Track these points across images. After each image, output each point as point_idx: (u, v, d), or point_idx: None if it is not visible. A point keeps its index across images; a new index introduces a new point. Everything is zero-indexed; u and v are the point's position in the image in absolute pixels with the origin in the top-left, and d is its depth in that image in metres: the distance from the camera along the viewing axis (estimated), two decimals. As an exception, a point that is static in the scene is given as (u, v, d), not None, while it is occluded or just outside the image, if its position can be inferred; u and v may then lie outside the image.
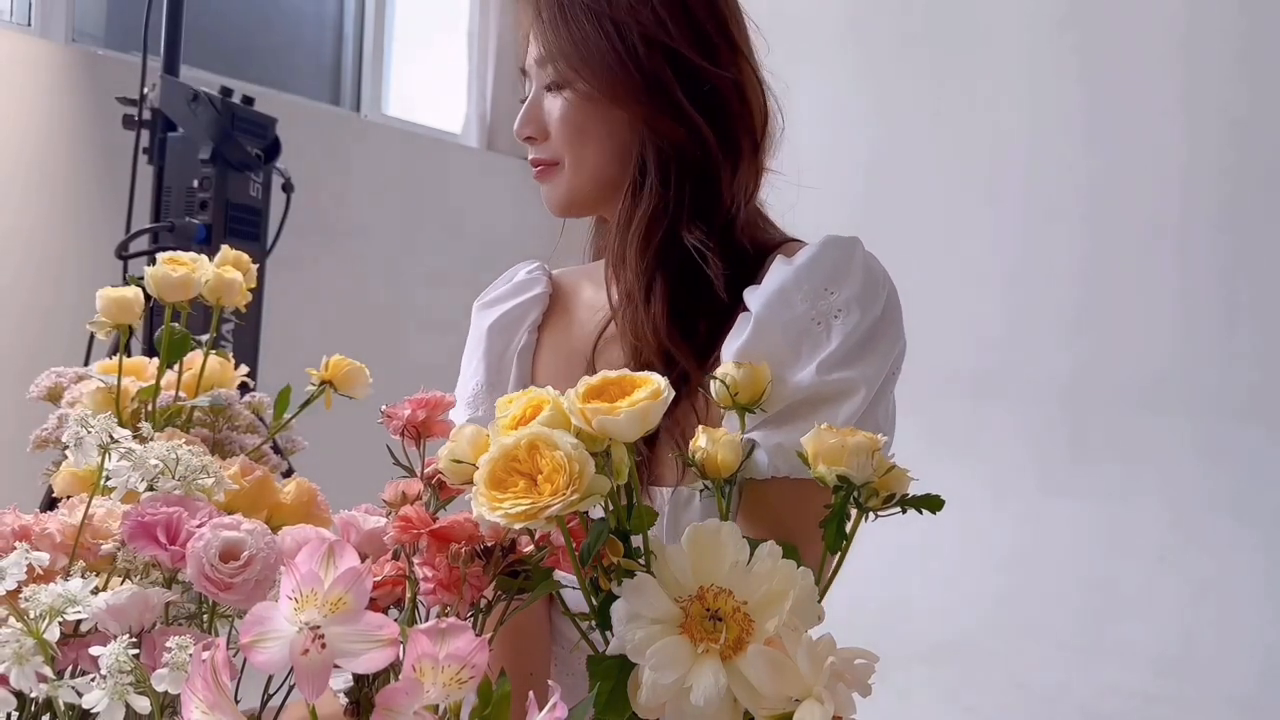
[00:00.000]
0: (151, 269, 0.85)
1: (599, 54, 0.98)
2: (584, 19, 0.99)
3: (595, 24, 0.98)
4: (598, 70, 0.98)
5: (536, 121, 1.05)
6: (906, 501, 0.64)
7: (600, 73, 0.98)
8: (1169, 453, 2.54)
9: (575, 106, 1.01)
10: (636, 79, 0.97)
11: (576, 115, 1.01)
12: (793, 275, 0.90)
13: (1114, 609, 2.55)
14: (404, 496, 0.70)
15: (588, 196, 1.04)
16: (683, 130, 0.98)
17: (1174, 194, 2.58)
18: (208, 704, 0.48)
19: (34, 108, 2.41)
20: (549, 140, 1.04)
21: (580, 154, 1.02)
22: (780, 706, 0.54)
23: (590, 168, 1.02)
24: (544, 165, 1.05)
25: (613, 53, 0.98)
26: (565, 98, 1.01)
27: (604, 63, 0.98)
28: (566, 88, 1.01)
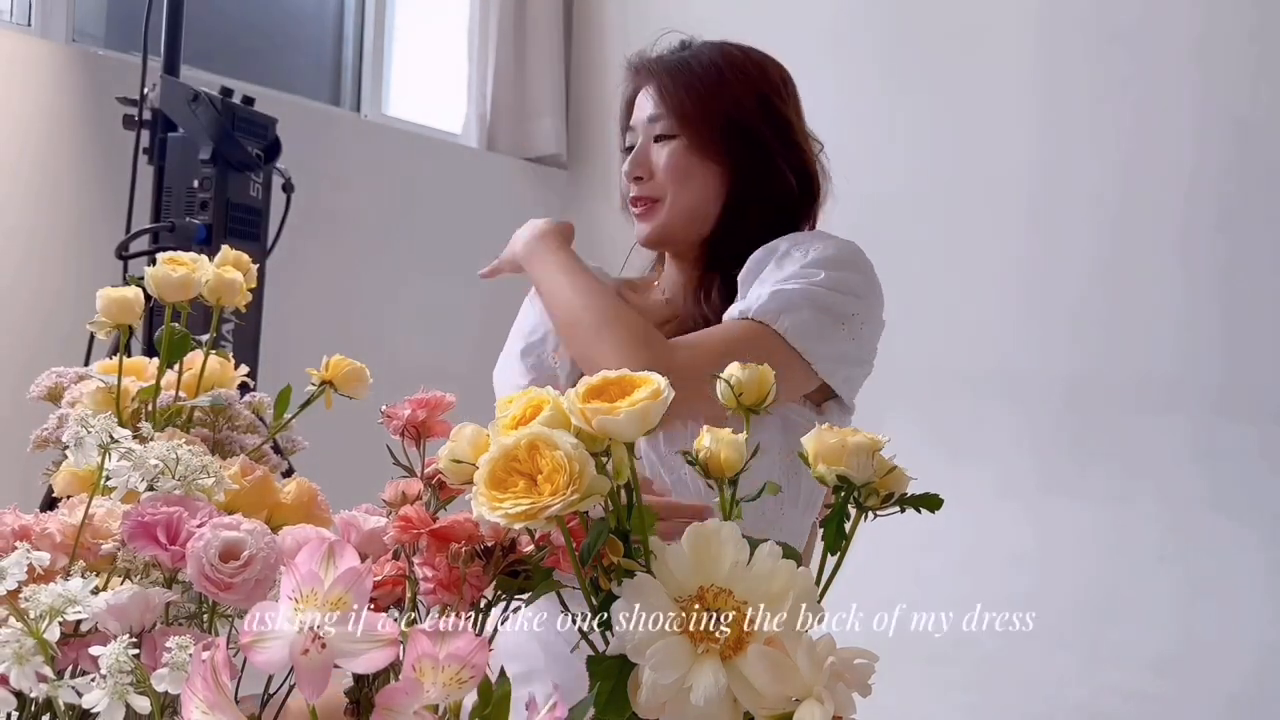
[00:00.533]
0: (151, 269, 0.85)
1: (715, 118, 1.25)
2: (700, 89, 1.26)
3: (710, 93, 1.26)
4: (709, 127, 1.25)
5: (645, 164, 1.28)
6: (906, 501, 0.64)
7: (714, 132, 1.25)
8: (1169, 453, 2.54)
9: (682, 156, 1.25)
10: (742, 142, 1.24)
11: (683, 162, 1.25)
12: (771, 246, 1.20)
13: (1114, 609, 2.55)
14: (404, 496, 0.70)
15: (681, 232, 1.28)
16: (776, 180, 1.25)
17: (1177, 195, 2.58)
18: (208, 704, 0.48)
19: (34, 108, 2.41)
20: (654, 180, 1.27)
21: (680, 193, 1.26)
22: (780, 706, 0.54)
23: (688, 206, 1.26)
24: (647, 203, 1.28)
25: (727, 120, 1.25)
26: (672, 147, 1.26)
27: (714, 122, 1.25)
28: (675, 139, 1.25)
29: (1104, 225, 2.67)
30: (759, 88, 1.27)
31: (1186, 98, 2.58)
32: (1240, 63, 2.52)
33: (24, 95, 2.39)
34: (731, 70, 1.27)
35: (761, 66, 1.30)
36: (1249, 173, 2.49)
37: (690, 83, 1.26)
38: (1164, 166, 2.60)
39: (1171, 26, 2.60)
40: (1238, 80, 2.52)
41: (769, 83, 1.28)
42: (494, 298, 3.46)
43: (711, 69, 1.27)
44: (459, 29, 3.55)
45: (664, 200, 1.27)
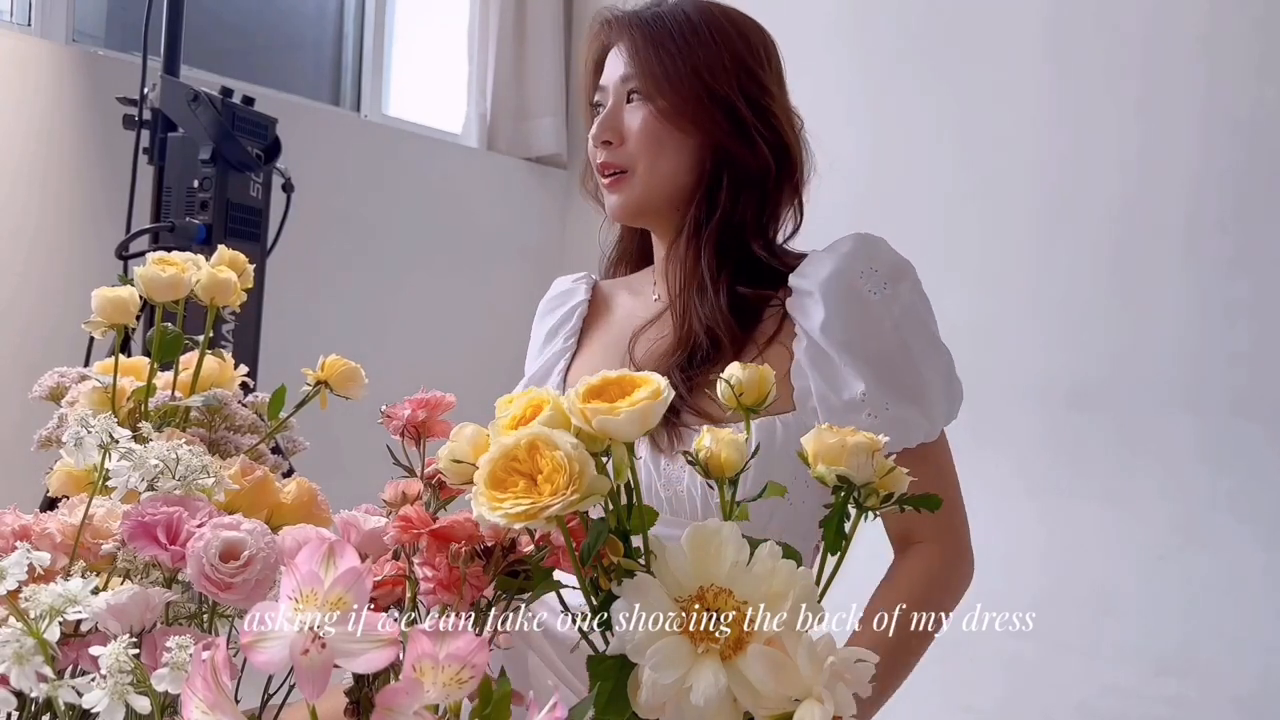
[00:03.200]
0: (141, 269, 0.85)
1: (688, 82, 1.14)
2: (674, 49, 1.15)
3: (684, 55, 1.15)
4: (684, 94, 1.14)
5: (616, 129, 1.18)
6: (905, 501, 0.64)
7: (686, 97, 1.14)
8: (1171, 453, 2.54)
9: (656, 120, 1.15)
10: (717, 109, 1.15)
11: (656, 127, 1.15)
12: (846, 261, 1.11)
13: (1114, 609, 2.55)
14: (404, 496, 0.70)
15: (653, 204, 1.18)
16: (751, 155, 1.15)
17: (1179, 195, 2.58)
18: (208, 704, 0.48)
19: (34, 108, 2.41)
20: (625, 146, 1.17)
21: (654, 162, 1.16)
22: (780, 706, 0.54)
23: (661, 177, 1.16)
24: (616, 173, 1.18)
25: (700, 84, 1.14)
26: (646, 111, 1.16)
27: (691, 90, 1.14)
28: (649, 102, 1.16)
29: (1111, 224, 2.67)
30: (737, 52, 1.17)
31: (1193, 97, 2.58)
32: (1247, 62, 2.52)
33: (24, 95, 2.39)
34: (709, 30, 1.17)
35: (742, 29, 1.19)
36: (1257, 172, 2.49)
37: (664, 41, 1.16)
38: (1171, 166, 2.60)
39: (1177, 26, 2.60)
40: (1245, 80, 2.52)
41: (749, 47, 1.18)
42: (494, 298, 3.46)
43: (686, 26, 1.16)
44: (459, 29, 3.55)
45: (634, 170, 1.17)
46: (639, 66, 1.16)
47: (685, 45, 1.15)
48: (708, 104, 1.14)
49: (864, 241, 1.14)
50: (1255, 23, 2.51)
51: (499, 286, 3.46)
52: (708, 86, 1.14)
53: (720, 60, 1.15)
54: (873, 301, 1.10)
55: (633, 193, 1.17)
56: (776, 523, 1.08)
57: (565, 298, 1.33)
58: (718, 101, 1.14)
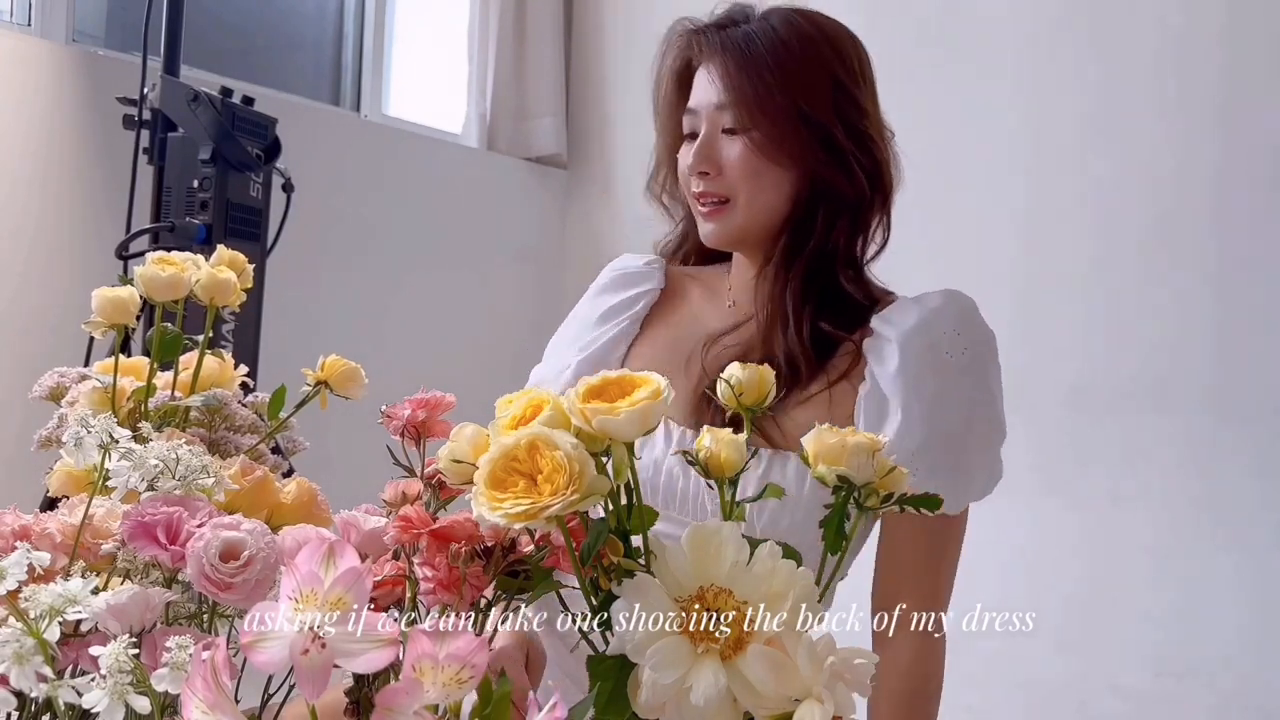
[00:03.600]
0: (141, 269, 0.85)
1: (785, 113, 1.11)
2: (770, 78, 1.11)
3: (780, 84, 1.11)
4: (782, 126, 1.11)
5: (713, 159, 1.15)
6: (905, 501, 0.64)
7: (784, 129, 1.11)
8: (1169, 453, 2.54)
9: (754, 152, 1.12)
10: (814, 138, 1.12)
11: (755, 159, 1.12)
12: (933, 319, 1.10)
13: (1114, 609, 2.55)
14: (404, 496, 0.70)
15: (752, 233, 1.16)
16: (848, 184, 1.13)
17: (1171, 195, 2.58)
18: (208, 704, 0.48)
19: (34, 108, 2.41)
20: (723, 177, 1.14)
21: (753, 195, 1.14)
22: (780, 706, 0.54)
23: (761, 208, 1.14)
24: (715, 202, 1.16)
25: (797, 114, 1.11)
26: (743, 144, 1.13)
27: (788, 121, 1.11)
28: (746, 134, 1.12)
29: (1110, 225, 2.67)
30: (833, 72, 1.12)
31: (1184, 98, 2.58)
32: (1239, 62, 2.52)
33: (24, 95, 2.39)
34: (803, 50, 1.12)
35: (835, 41, 1.15)
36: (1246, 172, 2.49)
37: (759, 70, 1.11)
38: (1164, 166, 2.60)
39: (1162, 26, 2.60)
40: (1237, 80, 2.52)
41: (843, 63, 1.14)
42: (494, 298, 3.46)
43: (781, 49, 1.11)
44: (459, 29, 3.55)
45: (735, 201, 1.14)
46: (734, 96, 1.12)
47: (781, 72, 1.11)
48: (805, 135, 1.11)
49: (954, 301, 1.13)
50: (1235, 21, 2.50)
51: (499, 286, 3.46)
52: (805, 116, 1.11)
53: (817, 85, 1.12)
54: (949, 366, 1.09)
55: (732, 223, 1.15)
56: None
57: (634, 280, 1.27)
58: (815, 131, 1.12)
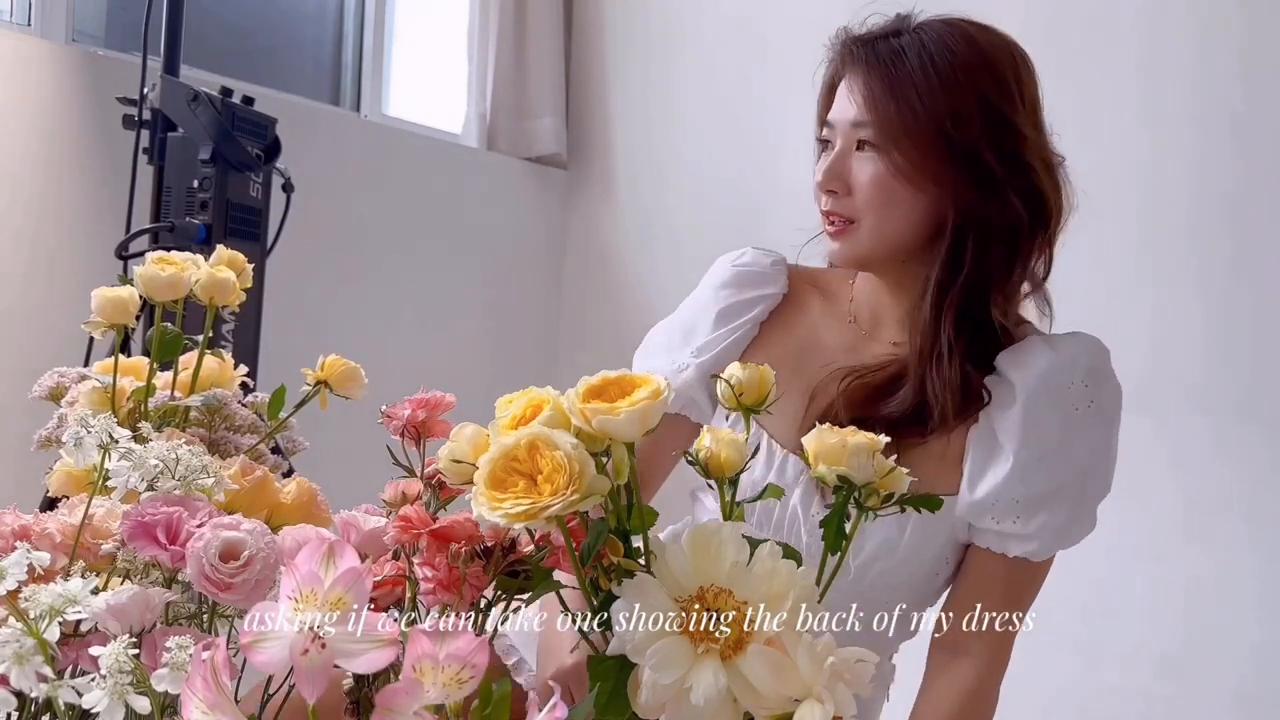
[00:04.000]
0: (141, 269, 0.85)
1: (929, 137, 1.04)
2: (914, 99, 1.04)
3: (925, 106, 1.04)
4: (925, 151, 1.04)
5: (842, 178, 1.08)
6: (905, 500, 0.64)
7: (927, 154, 1.04)
8: (1169, 452, 2.54)
9: (887, 175, 1.05)
10: (961, 164, 1.04)
11: (887, 183, 1.05)
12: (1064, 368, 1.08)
13: (1114, 609, 2.55)
14: (404, 496, 0.70)
15: (879, 258, 1.11)
16: (1000, 211, 1.05)
17: (1172, 193, 2.58)
18: (208, 704, 0.48)
19: (34, 108, 2.41)
20: (851, 198, 1.08)
21: (883, 219, 1.07)
22: (780, 706, 0.54)
23: (890, 234, 1.08)
24: (841, 222, 1.09)
25: (943, 138, 1.03)
26: (878, 163, 1.06)
27: (933, 145, 1.04)
28: (883, 156, 1.05)
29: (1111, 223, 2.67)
30: (985, 93, 1.05)
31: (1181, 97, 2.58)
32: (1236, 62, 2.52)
33: (24, 95, 2.39)
34: (954, 69, 1.04)
35: (991, 59, 1.06)
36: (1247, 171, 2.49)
37: (903, 88, 1.04)
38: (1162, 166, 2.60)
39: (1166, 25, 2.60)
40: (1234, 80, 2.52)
41: (998, 83, 1.06)
42: (494, 298, 3.46)
43: (929, 67, 1.04)
44: (459, 29, 3.55)
45: (860, 223, 1.08)
46: (873, 115, 1.05)
47: (927, 93, 1.04)
48: (949, 161, 1.04)
49: (1087, 351, 1.11)
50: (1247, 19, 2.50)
51: (499, 286, 3.46)
52: (950, 140, 1.03)
53: (966, 107, 1.04)
54: (1073, 421, 1.07)
55: (858, 247, 1.09)
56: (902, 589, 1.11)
57: (757, 280, 1.19)
58: (962, 156, 1.04)
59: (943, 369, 1.06)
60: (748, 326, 1.17)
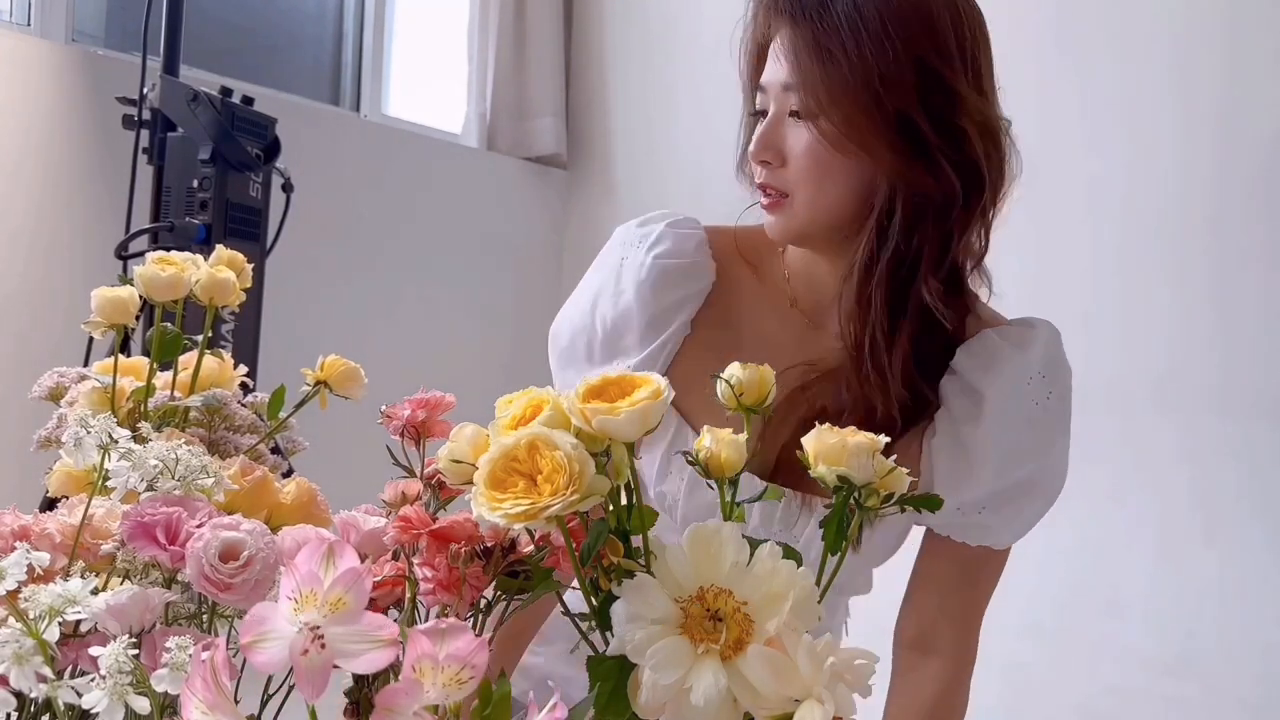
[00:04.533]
0: (141, 269, 0.85)
1: (857, 99, 0.96)
2: (843, 59, 0.96)
3: (854, 67, 0.95)
4: (853, 115, 0.96)
5: (775, 148, 1.01)
6: (905, 500, 0.64)
7: (855, 118, 0.96)
8: (1169, 452, 2.54)
9: (821, 144, 0.98)
10: (892, 129, 0.96)
11: (821, 152, 0.98)
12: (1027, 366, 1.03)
13: (1114, 609, 2.55)
14: (404, 496, 0.70)
15: (816, 233, 1.03)
16: (934, 182, 0.97)
17: (1172, 193, 2.58)
18: (208, 704, 0.48)
19: (34, 108, 2.41)
20: (785, 169, 1.01)
21: (817, 192, 1.00)
22: (780, 707, 0.54)
23: (825, 207, 1.01)
24: (774, 195, 1.02)
25: (872, 100, 0.95)
26: (809, 133, 0.98)
27: (861, 108, 0.96)
28: (812, 123, 0.98)
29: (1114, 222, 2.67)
30: (921, 52, 0.95)
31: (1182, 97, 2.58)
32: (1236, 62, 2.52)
33: (24, 95, 2.39)
34: (884, 23, 0.95)
35: (927, 14, 0.97)
36: (1246, 170, 2.49)
37: (830, 47, 0.95)
38: (1160, 166, 2.60)
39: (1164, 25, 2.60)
40: (1235, 80, 2.52)
41: (936, 41, 0.96)
42: (494, 298, 3.46)
43: (856, 23, 0.95)
44: (459, 29, 3.55)
45: (794, 196, 1.01)
46: (801, 78, 0.98)
47: (856, 52, 0.95)
48: (879, 125, 0.96)
49: (1042, 339, 1.06)
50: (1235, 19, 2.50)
51: (499, 286, 3.46)
52: (881, 104, 0.95)
53: (899, 67, 0.95)
54: (1035, 418, 1.03)
55: (792, 220, 1.02)
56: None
57: (683, 279, 1.08)
58: (892, 120, 0.96)
59: (879, 364, 0.99)
60: (677, 330, 1.07)
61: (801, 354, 1.05)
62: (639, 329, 1.07)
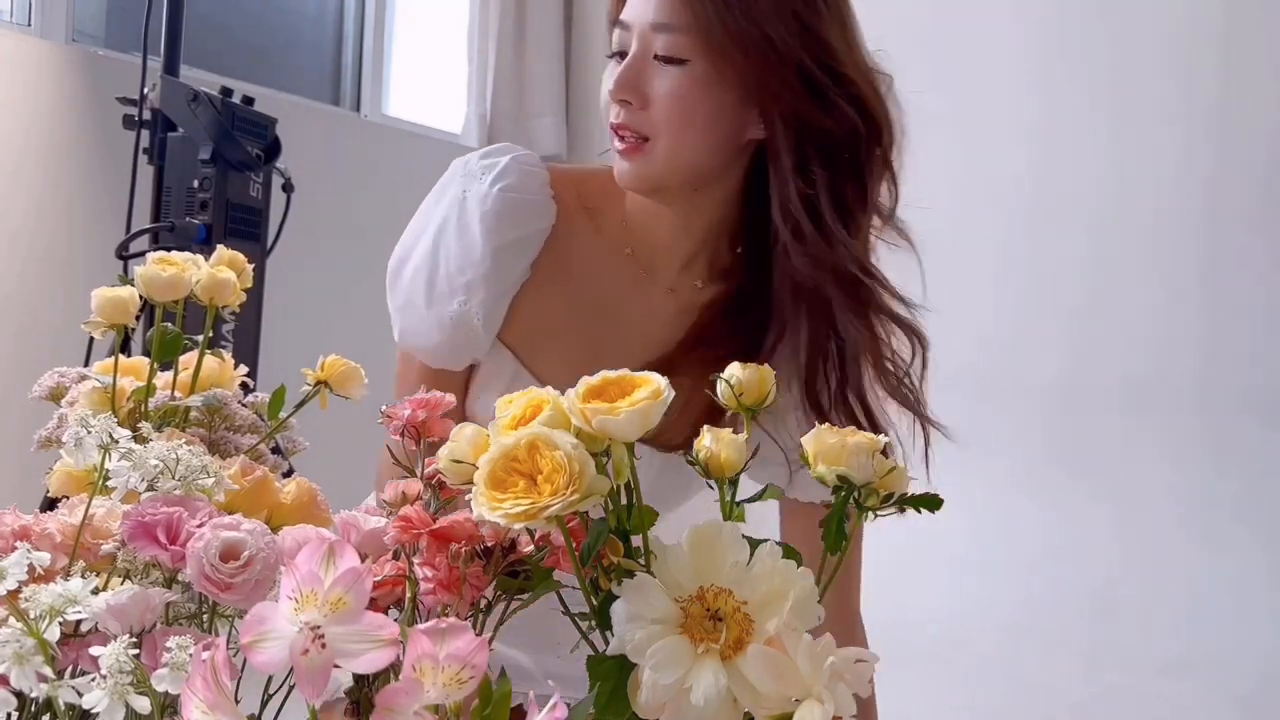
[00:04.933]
0: (141, 269, 0.85)
1: (736, 40, 0.91)
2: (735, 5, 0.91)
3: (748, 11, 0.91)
4: (731, 55, 0.92)
5: (638, 88, 0.95)
6: (906, 501, 0.64)
7: (733, 59, 0.92)
8: (1168, 454, 2.54)
9: (691, 87, 0.93)
10: (788, 72, 0.92)
11: (690, 96, 0.93)
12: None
13: (1113, 609, 2.55)
14: (404, 496, 0.70)
15: (673, 183, 0.99)
16: (832, 121, 0.94)
17: (1168, 194, 2.58)
18: (208, 704, 0.48)
19: (34, 108, 2.41)
20: (647, 112, 0.95)
21: (681, 138, 0.95)
22: (780, 707, 0.54)
23: (687, 155, 0.96)
24: (633, 139, 0.97)
25: (763, 42, 0.91)
26: (680, 75, 0.93)
27: (740, 50, 0.92)
28: (685, 63, 0.93)
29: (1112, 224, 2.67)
30: (793, 6, 0.93)
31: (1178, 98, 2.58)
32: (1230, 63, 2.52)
33: (24, 95, 2.39)
34: None
35: None
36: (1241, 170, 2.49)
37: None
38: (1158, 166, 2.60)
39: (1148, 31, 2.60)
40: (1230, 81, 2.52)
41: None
42: (494, 298, 3.46)
43: None
44: (459, 29, 3.55)
45: (656, 140, 0.96)
46: (676, 18, 0.92)
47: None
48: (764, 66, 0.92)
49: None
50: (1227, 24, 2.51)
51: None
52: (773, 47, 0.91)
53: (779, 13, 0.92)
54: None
55: (650, 167, 0.97)
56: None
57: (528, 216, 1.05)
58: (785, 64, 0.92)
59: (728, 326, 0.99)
60: (518, 275, 1.04)
61: (637, 306, 1.03)
62: (481, 265, 1.03)
